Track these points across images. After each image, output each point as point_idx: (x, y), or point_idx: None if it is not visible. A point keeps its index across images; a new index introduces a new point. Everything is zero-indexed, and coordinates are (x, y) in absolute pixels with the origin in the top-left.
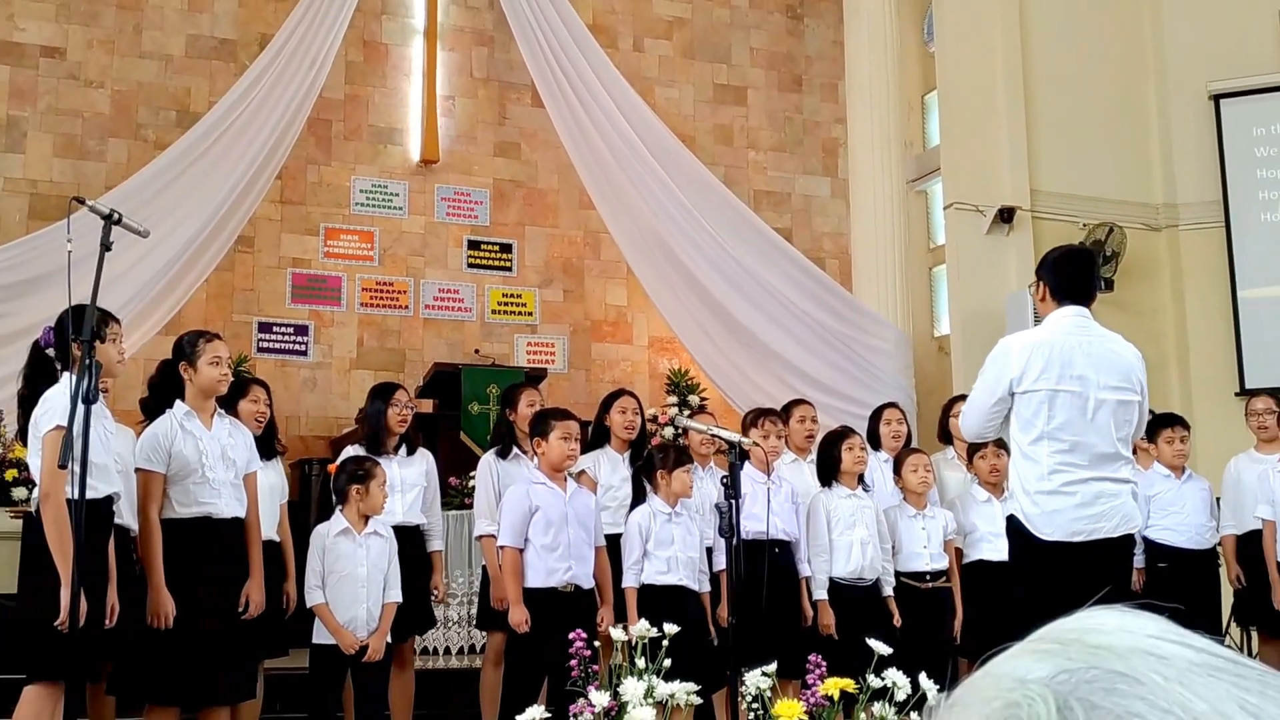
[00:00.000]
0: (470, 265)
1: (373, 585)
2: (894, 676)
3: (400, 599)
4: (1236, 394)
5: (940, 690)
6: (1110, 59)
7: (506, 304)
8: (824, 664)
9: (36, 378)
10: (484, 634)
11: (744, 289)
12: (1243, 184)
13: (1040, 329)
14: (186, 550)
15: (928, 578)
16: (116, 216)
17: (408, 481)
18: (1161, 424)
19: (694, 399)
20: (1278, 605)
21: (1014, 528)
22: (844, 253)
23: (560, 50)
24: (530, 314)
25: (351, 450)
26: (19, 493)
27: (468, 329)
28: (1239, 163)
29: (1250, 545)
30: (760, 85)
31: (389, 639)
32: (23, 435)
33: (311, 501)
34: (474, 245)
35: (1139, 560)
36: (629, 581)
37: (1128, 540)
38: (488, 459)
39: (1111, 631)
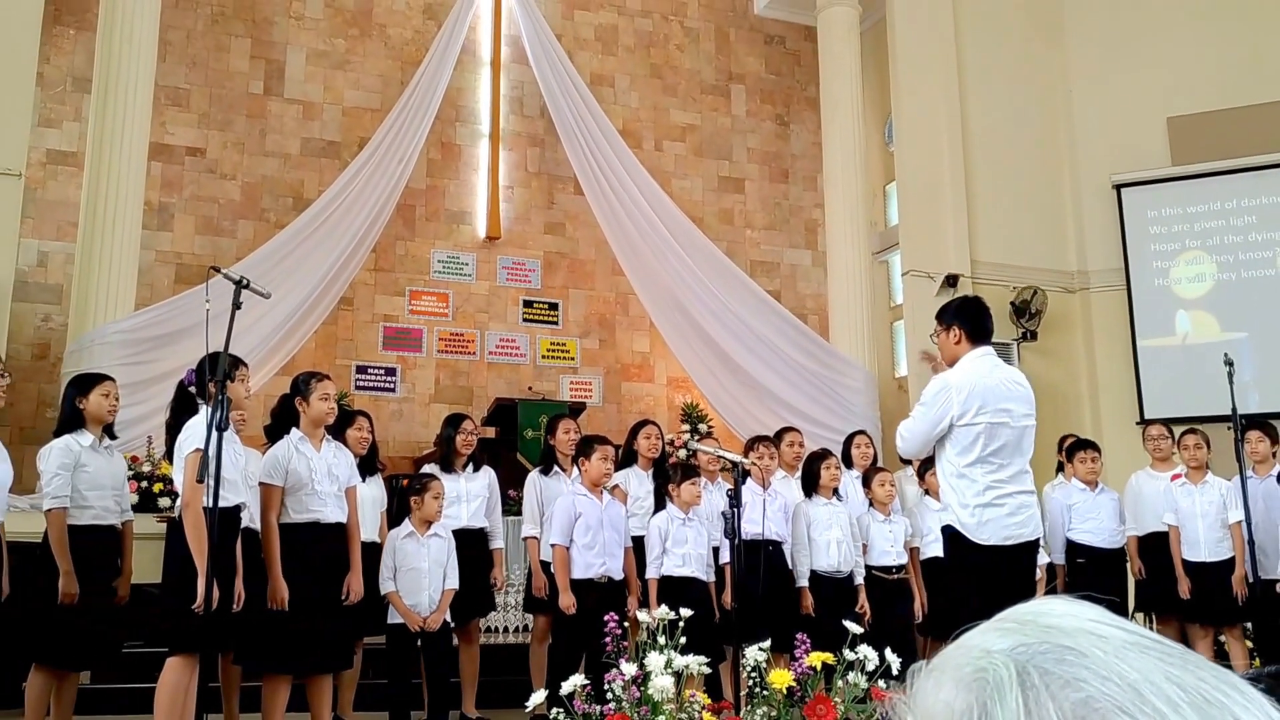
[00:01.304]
0: (525, 320)
1: (434, 576)
2: (865, 651)
3: (457, 586)
4: (1137, 423)
5: (903, 663)
6: (1034, 156)
7: (554, 351)
8: (808, 641)
9: (180, 410)
10: (532, 616)
11: (743, 339)
12: (1140, 255)
13: (967, 370)
14: (299, 548)
15: (894, 570)
16: (245, 281)
17: (473, 493)
18: (1078, 447)
19: (703, 427)
20: (1184, 595)
21: (951, 534)
22: (822, 310)
23: (597, 150)
24: (573, 359)
25: (426, 469)
26: (164, 502)
27: (523, 370)
28: (1137, 238)
29: (1149, 545)
30: (755, 178)
31: (452, 621)
32: (169, 456)
33: (396, 510)
34: (528, 304)
35: (1060, 558)
36: (651, 573)
37: (1037, 542)
38: (533, 476)
39: (1060, 615)
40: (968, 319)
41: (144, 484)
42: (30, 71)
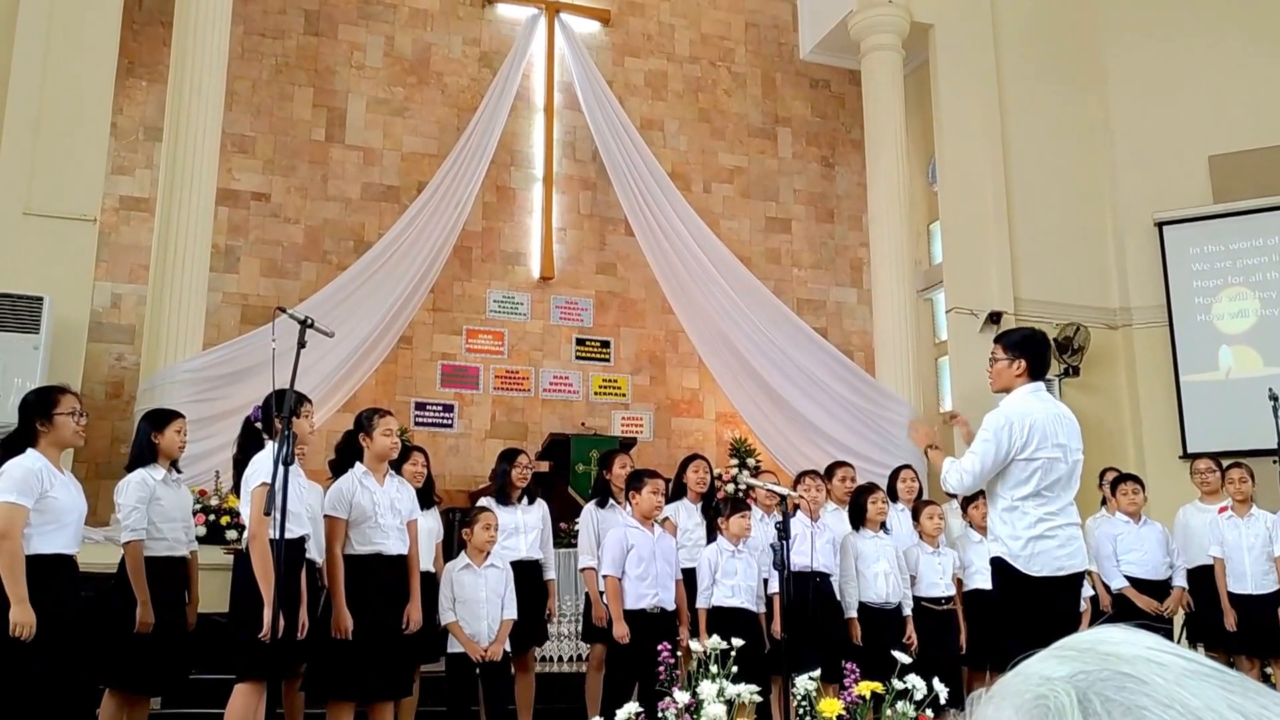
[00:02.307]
0: (578, 357)
1: (491, 606)
2: (914, 680)
3: (515, 616)
4: (1180, 457)
5: (950, 693)
6: (1075, 194)
7: (606, 387)
8: (857, 670)
9: (247, 445)
10: (588, 645)
11: (790, 375)
12: (1182, 292)
13: (1025, 405)
14: (362, 579)
15: (942, 602)
16: (310, 321)
17: (528, 525)
18: (1120, 480)
19: (751, 461)
20: (1229, 628)
21: (1000, 566)
22: (868, 347)
23: (647, 192)
24: (624, 395)
25: (481, 502)
26: (230, 534)
27: (576, 406)
28: (1179, 275)
29: (1197, 578)
30: (801, 218)
31: (510, 649)
32: (236, 490)
33: (453, 542)
34: (580, 342)
35: (1119, 582)
36: (701, 603)
37: (1084, 574)
38: (588, 508)
39: (1118, 643)
40: (1033, 354)
41: (211, 517)
42: (105, 122)
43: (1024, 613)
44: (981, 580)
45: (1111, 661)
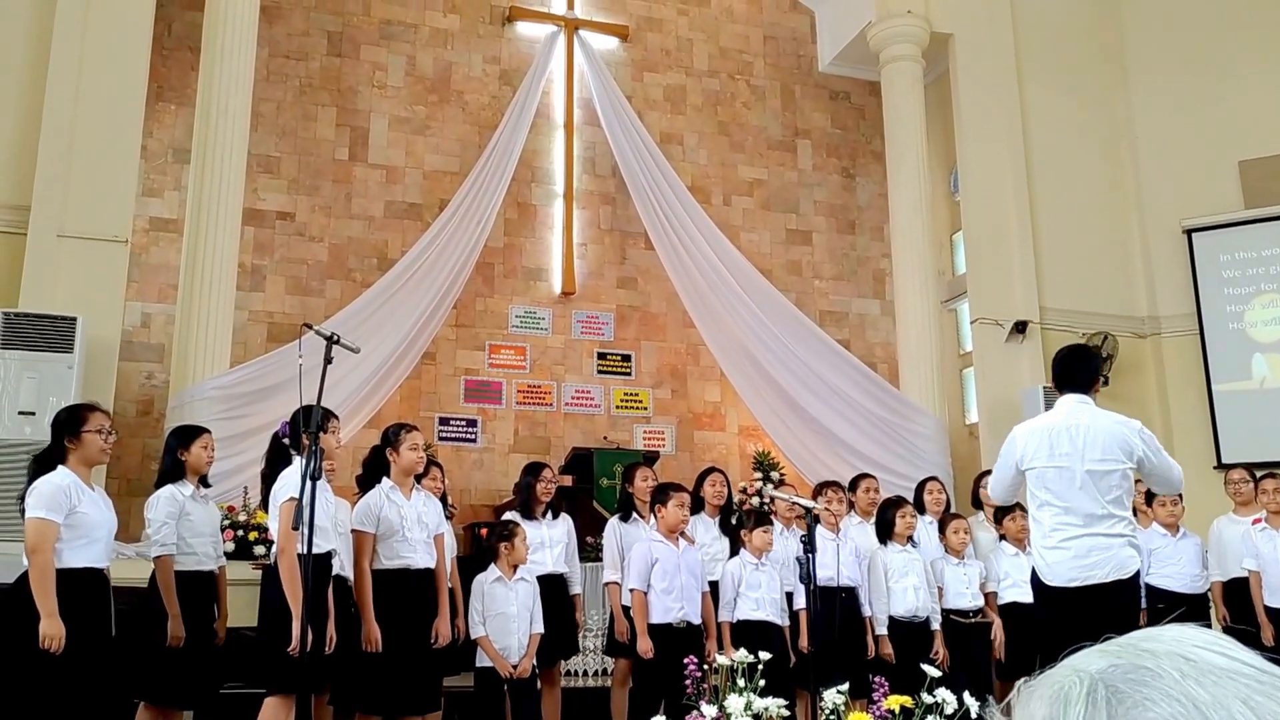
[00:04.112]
0: (599, 371)
1: (521, 620)
2: (943, 694)
3: (543, 630)
4: (1214, 468)
5: (981, 706)
6: (1100, 201)
7: (627, 401)
8: (886, 684)
9: (275, 461)
10: (612, 660)
11: (813, 387)
12: (1213, 299)
13: (1042, 416)
14: (390, 593)
15: (970, 614)
16: (336, 338)
17: (553, 539)
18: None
19: (775, 474)
20: (1266, 642)
21: (1032, 577)
22: (892, 359)
23: (667, 206)
24: (646, 408)
25: (506, 515)
26: (259, 549)
27: (598, 420)
28: (1209, 282)
29: (1232, 590)
30: (823, 229)
31: (537, 663)
32: (264, 505)
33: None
34: (602, 356)
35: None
36: (723, 616)
37: (1123, 584)
38: (612, 523)
39: (1163, 640)
40: (1056, 369)
41: (239, 533)
42: (135, 146)
43: (1049, 620)
44: (1016, 593)
45: (1143, 657)
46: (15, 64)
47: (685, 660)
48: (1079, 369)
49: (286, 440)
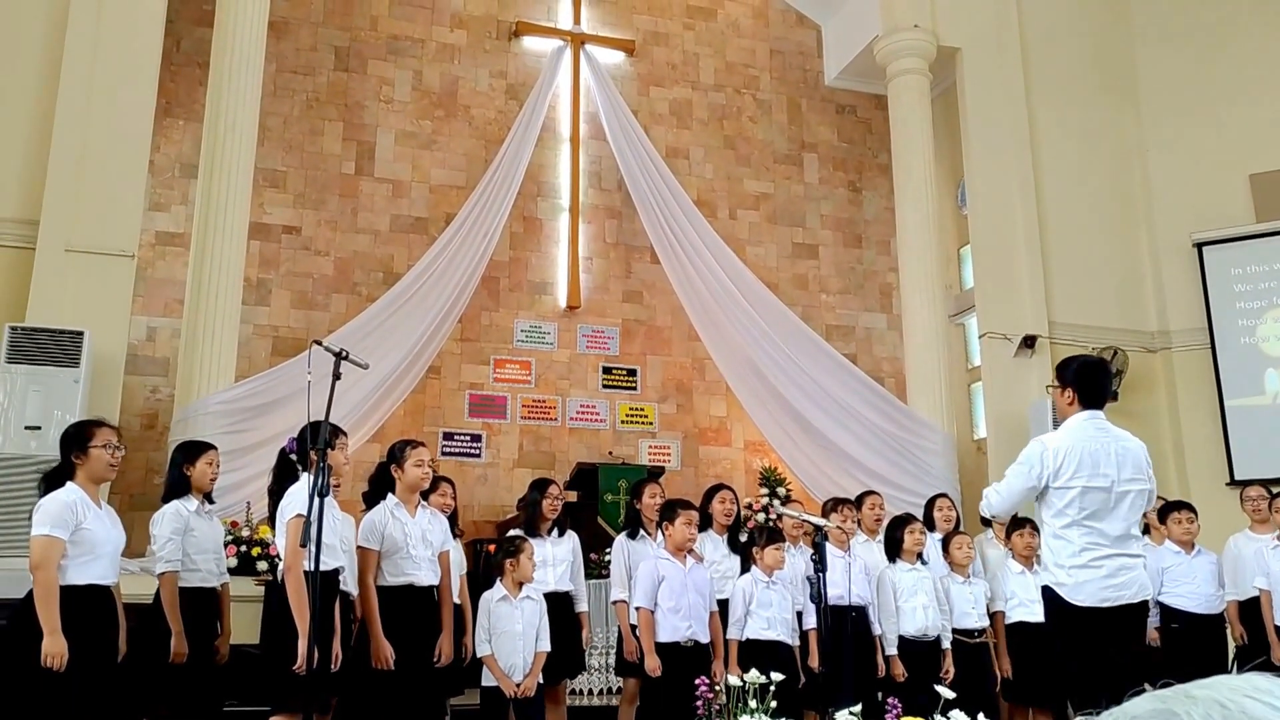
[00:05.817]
0: (604, 386)
1: (527, 639)
2: (957, 716)
3: (549, 649)
4: (1227, 484)
5: None
6: (1109, 215)
7: (632, 416)
8: (899, 705)
9: (282, 476)
10: (620, 678)
11: (819, 402)
12: (1225, 314)
13: (1068, 433)
14: (393, 610)
15: (975, 634)
16: (344, 353)
17: (559, 557)
18: (1172, 508)
19: (781, 490)
20: (1277, 662)
21: (1049, 596)
22: (899, 373)
23: (672, 220)
24: (651, 423)
25: (511, 532)
26: (261, 566)
27: (603, 435)
28: (1220, 296)
29: (1249, 609)
30: (829, 243)
31: (543, 681)
32: (270, 521)
33: (479, 574)
34: (607, 370)
35: (1154, 620)
36: (732, 634)
37: (1144, 605)
38: (620, 540)
39: (1214, 687)
40: (1082, 383)
41: (243, 548)
42: (143, 160)
43: (1073, 643)
44: (1024, 612)
45: (1184, 703)
46: (26, 80)
47: (696, 681)
48: (1100, 385)
49: (294, 456)
